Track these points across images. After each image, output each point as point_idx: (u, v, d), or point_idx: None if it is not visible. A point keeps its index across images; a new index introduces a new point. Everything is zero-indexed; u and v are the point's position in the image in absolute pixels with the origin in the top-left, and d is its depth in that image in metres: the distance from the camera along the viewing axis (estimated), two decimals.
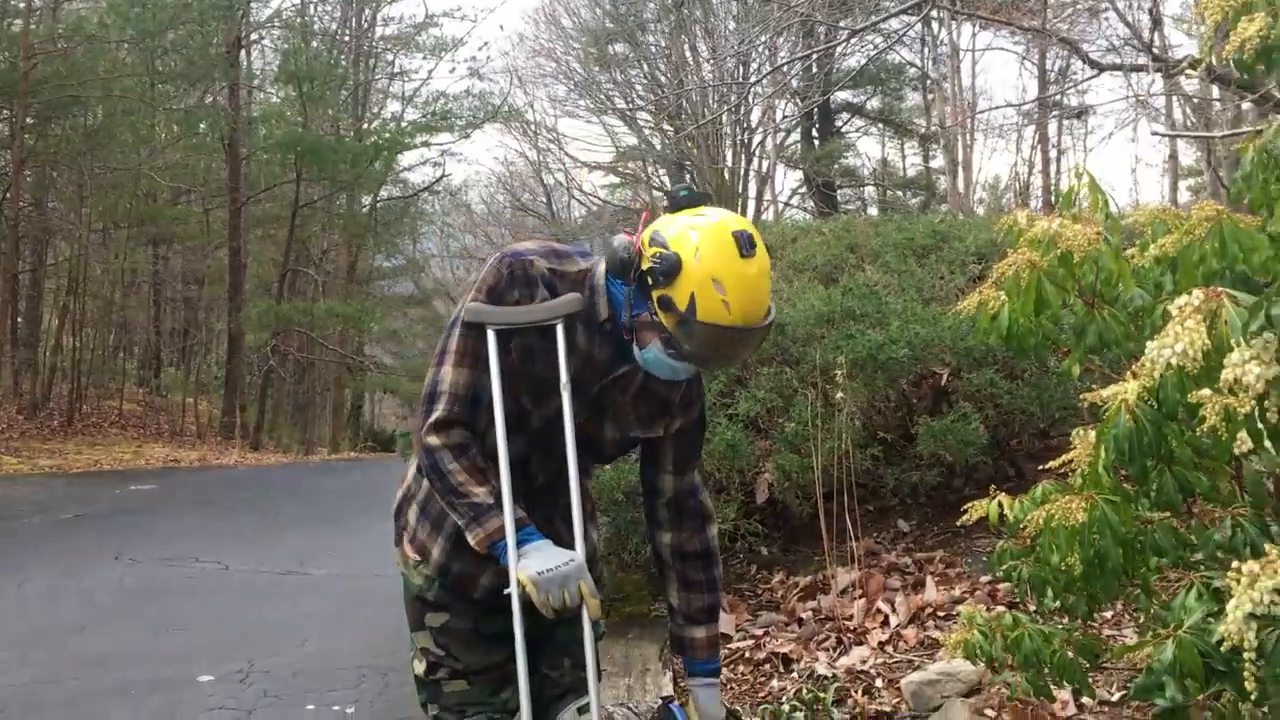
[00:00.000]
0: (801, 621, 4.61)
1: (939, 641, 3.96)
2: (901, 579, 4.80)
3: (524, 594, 2.05)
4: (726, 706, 2.49)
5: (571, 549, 2.18)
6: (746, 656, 4.37)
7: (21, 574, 6.97)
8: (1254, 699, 1.51)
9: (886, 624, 4.42)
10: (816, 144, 25.07)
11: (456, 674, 2.32)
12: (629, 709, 3.77)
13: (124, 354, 25.55)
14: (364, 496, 11.35)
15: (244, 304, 22.70)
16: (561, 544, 2.22)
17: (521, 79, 27.15)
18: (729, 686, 4.13)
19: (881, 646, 4.26)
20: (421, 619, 2.35)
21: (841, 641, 4.37)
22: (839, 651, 4.29)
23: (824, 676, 4.08)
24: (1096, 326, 2.19)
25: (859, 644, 4.30)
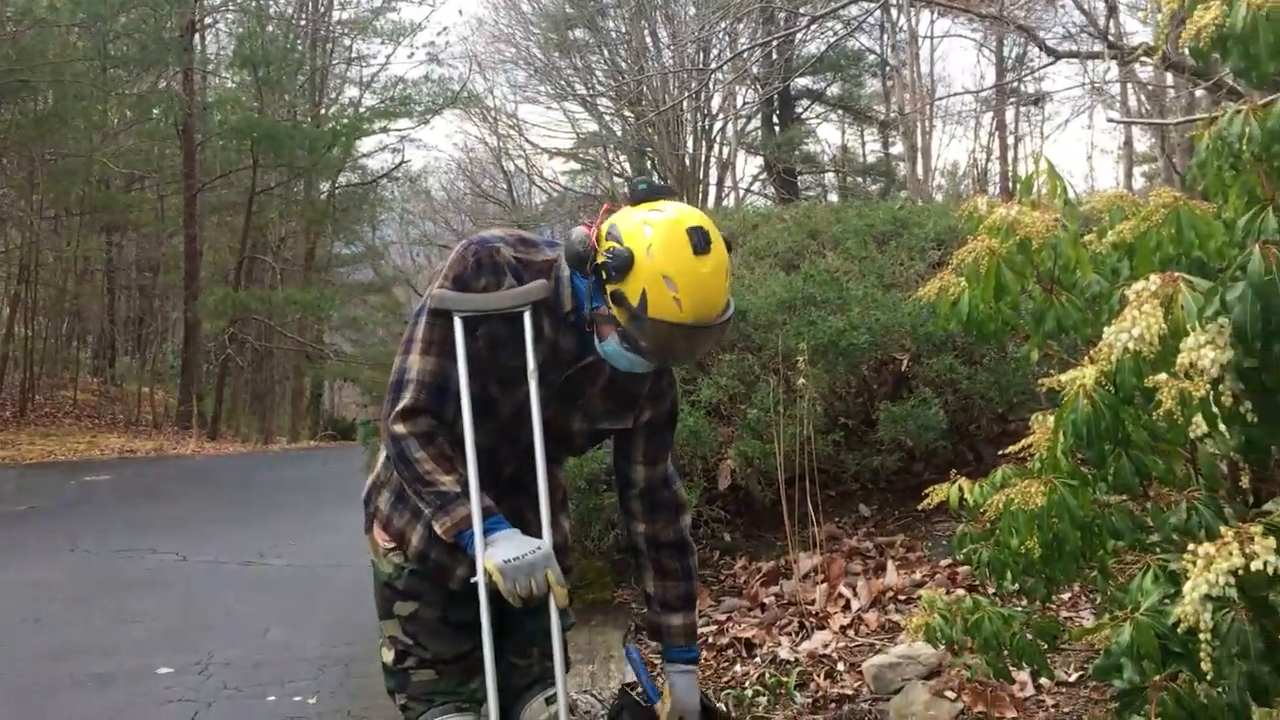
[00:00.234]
0: (764, 607, 4.64)
1: (900, 625, 4.00)
2: (863, 563, 4.84)
3: (491, 583, 2.04)
4: (710, 702, 2.49)
5: (540, 538, 2.18)
6: (710, 642, 4.38)
7: None
8: (1209, 679, 1.53)
9: (848, 608, 4.45)
10: (777, 130, 25.12)
11: (425, 663, 2.31)
12: (592, 696, 3.76)
13: (77, 343, 25.17)
14: (324, 485, 11.29)
15: (200, 292, 22.42)
16: (531, 534, 2.22)
17: (481, 64, 26.90)
18: None
19: (843, 630, 4.29)
20: (390, 607, 2.33)
21: (804, 626, 4.39)
22: (801, 636, 4.32)
23: (786, 661, 4.10)
24: (1055, 312, 2.21)
25: (821, 628, 4.33)
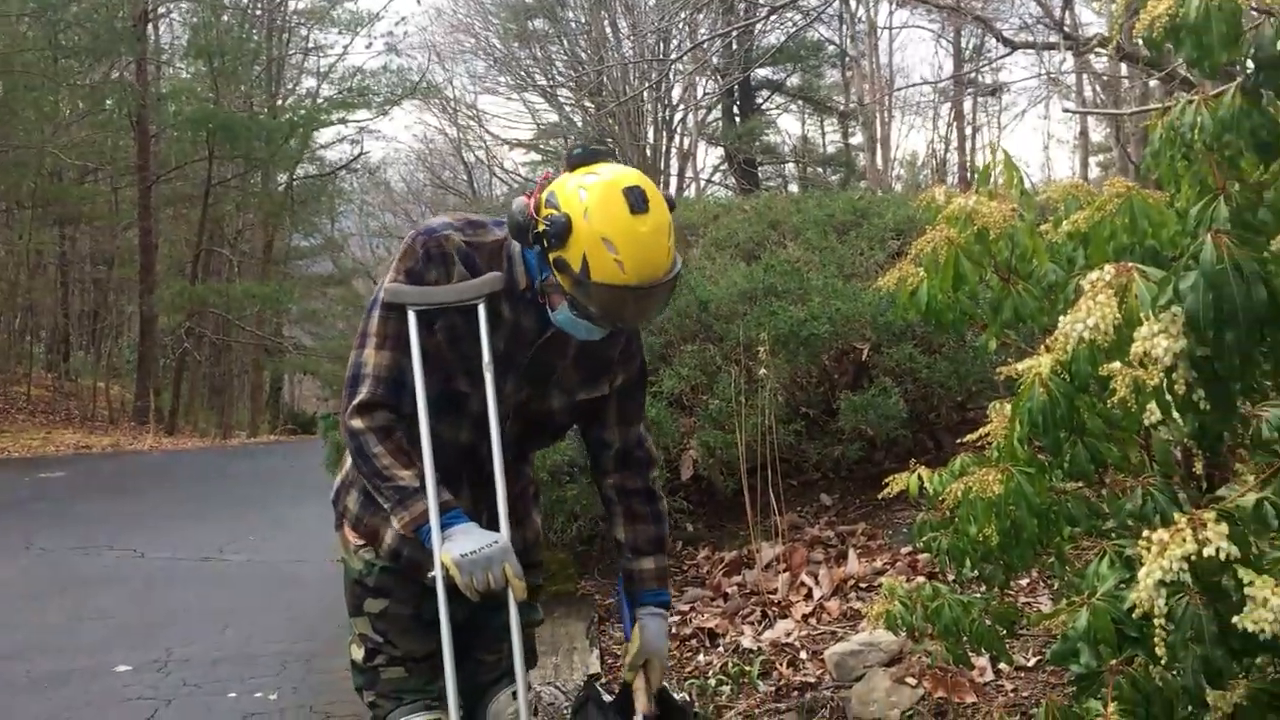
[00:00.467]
0: (727, 596, 4.65)
1: (861, 613, 4.02)
2: (824, 552, 4.86)
3: (449, 577, 2.03)
4: (671, 698, 2.48)
5: (512, 540, 2.17)
6: (673, 633, 4.39)
7: None
8: (1164, 663, 1.55)
9: (810, 597, 4.48)
10: (738, 121, 25.12)
11: (394, 661, 2.28)
12: (556, 688, 3.76)
13: (30, 338, 24.77)
14: (284, 480, 11.19)
15: (156, 285, 22.09)
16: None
17: (440, 55, 26.73)
18: None
19: (805, 619, 4.32)
20: (360, 604, 2.30)
21: (766, 615, 4.41)
22: (764, 625, 4.34)
23: (749, 650, 4.12)
24: (1012, 301, 2.23)
25: (783, 617, 4.35)
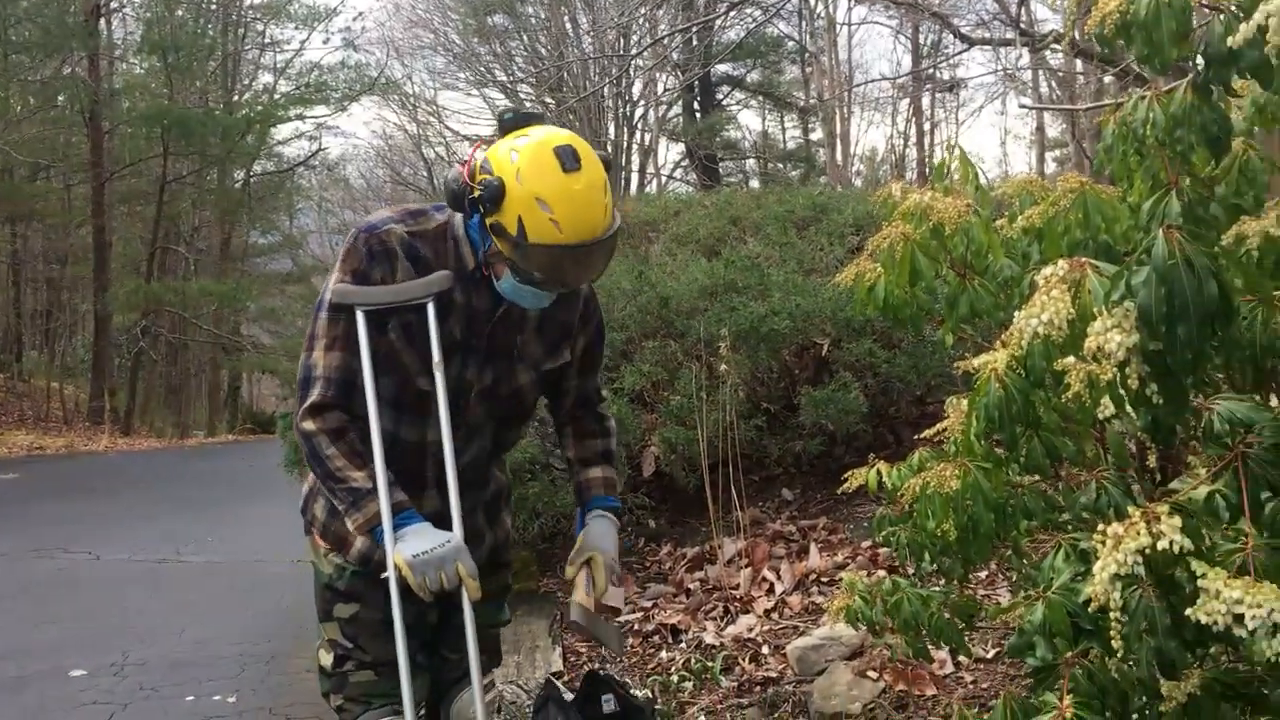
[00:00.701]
0: (689, 592, 4.66)
1: (823, 607, 4.04)
2: (786, 547, 4.88)
3: (402, 578, 2.01)
4: (632, 697, 2.47)
5: (484, 538, 2.16)
6: (635, 629, 4.39)
7: None
8: (1119, 656, 1.56)
9: (772, 592, 4.49)
10: (698, 117, 25.14)
11: (364, 665, 2.27)
12: (518, 686, 3.75)
13: None
14: (242, 480, 11.09)
15: (110, 284, 21.76)
16: (479, 534, 2.19)
17: (399, 50, 26.47)
18: (617, 660, 4.15)
19: (767, 614, 4.33)
20: (330, 610, 2.28)
21: (729, 610, 4.42)
22: (726, 620, 4.35)
23: (712, 646, 4.12)
24: (968, 297, 2.24)
25: (746, 612, 4.36)
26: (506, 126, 2.04)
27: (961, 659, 3.46)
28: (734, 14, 16.79)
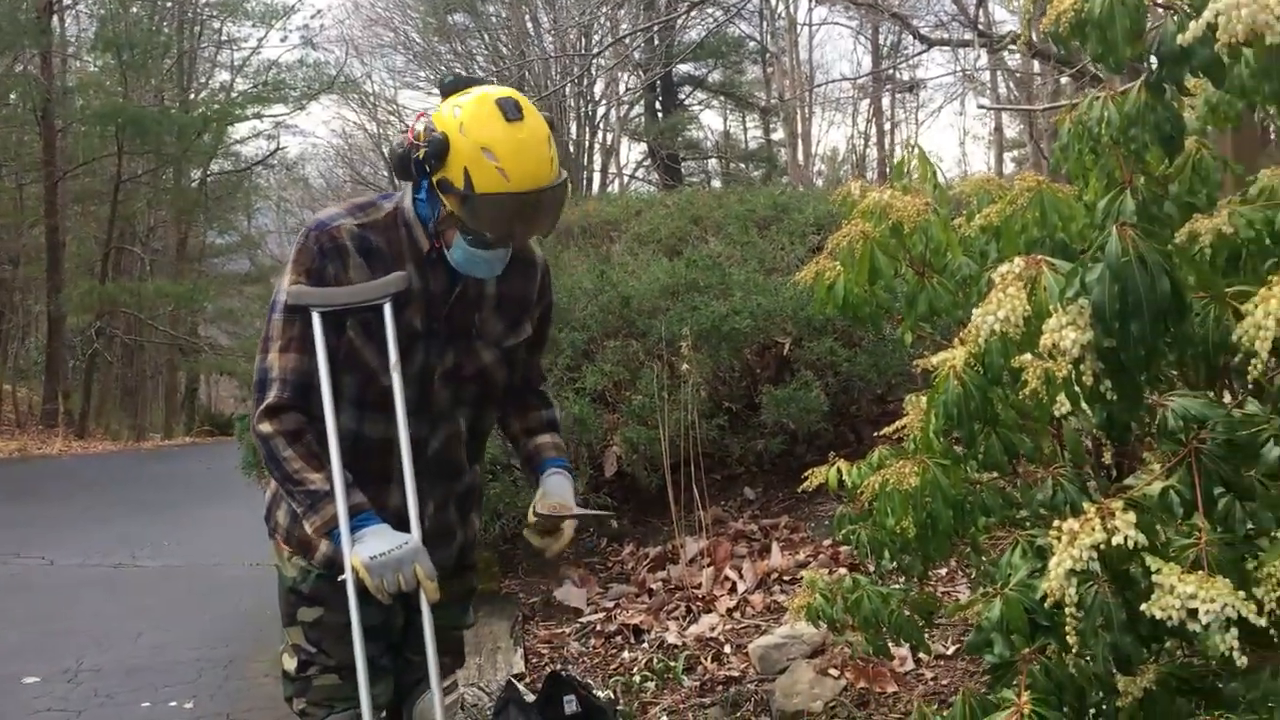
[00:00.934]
0: (652, 592, 4.65)
1: (785, 605, 4.05)
2: (748, 546, 4.88)
3: (360, 580, 1.99)
4: (594, 698, 2.46)
5: (455, 536, 2.14)
6: (598, 630, 4.38)
7: None
8: (1075, 651, 1.57)
9: (734, 591, 4.49)
10: (660, 117, 25.15)
11: (328, 669, 2.24)
12: (479, 688, 3.72)
13: None
14: (200, 483, 10.95)
15: (64, 284, 21.40)
16: (450, 531, 2.18)
17: (358, 49, 26.28)
18: (580, 660, 4.13)
19: (730, 613, 4.33)
20: (294, 613, 2.25)
21: (691, 610, 4.42)
22: (689, 620, 4.34)
23: (674, 645, 4.12)
24: (927, 295, 2.25)
25: (708, 612, 4.36)
26: (448, 90, 2.06)
27: (922, 656, 3.46)
28: (695, 14, 16.80)
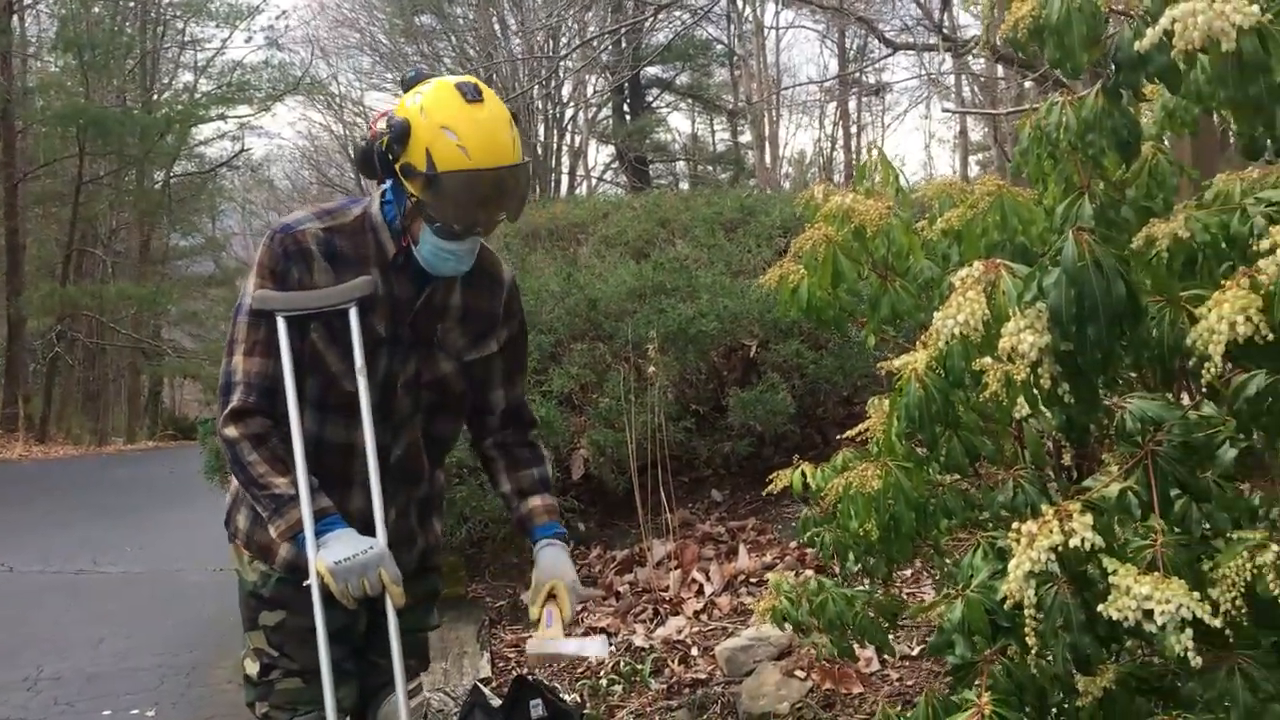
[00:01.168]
0: (619, 595, 4.65)
1: (751, 608, 4.05)
2: (715, 548, 4.89)
3: (325, 585, 1.98)
4: (561, 701, 2.45)
5: (416, 542, 2.13)
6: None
7: None
8: (1035, 652, 1.58)
9: (701, 593, 4.50)
10: (628, 119, 25.17)
11: (291, 673, 2.21)
12: (445, 693, 3.71)
13: None
14: (162, 487, 10.86)
15: (24, 287, 21.13)
16: (411, 537, 2.17)
17: (324, 50, 26.13)
18: (546, 664, 4.12)
19: (697, 615, 4.33)
20: (256, 618, 2.23)
21: (658, 613, 4.42)
22: (656, 623, 4.34)
23: (641, 648, 4.12)
24: (889, 298, 2.26)
25: (675, 614, 4.36)
26: (408, 84, 2.09)
27: (887, 657, 3.49)
28: (663, 16, 16.83)
